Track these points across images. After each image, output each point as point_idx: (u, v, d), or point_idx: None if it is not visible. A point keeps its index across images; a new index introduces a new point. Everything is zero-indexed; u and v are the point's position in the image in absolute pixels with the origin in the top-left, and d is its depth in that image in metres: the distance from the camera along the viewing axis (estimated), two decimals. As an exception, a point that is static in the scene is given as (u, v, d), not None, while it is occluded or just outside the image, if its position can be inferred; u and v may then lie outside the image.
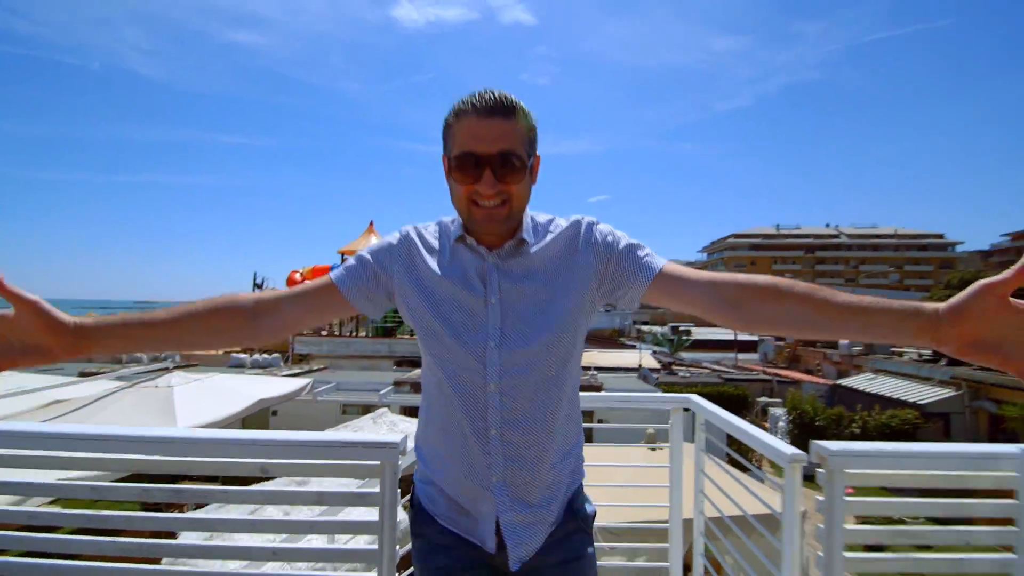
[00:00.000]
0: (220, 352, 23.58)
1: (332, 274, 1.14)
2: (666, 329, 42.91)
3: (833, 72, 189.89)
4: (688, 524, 2.52)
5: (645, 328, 47.40)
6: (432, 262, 1.11)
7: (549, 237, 1.11)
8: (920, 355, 22.83)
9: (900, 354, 24.17)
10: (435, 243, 1.14)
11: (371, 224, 20.34)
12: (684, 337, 37.87)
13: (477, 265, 1.09)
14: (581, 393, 1.29)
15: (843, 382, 23.42)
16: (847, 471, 1.46)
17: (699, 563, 2.47)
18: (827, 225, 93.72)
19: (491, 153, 0.99)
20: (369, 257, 1.14)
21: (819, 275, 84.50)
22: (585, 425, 1.28)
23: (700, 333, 42.16)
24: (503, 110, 1.00)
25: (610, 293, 1.11)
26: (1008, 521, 1.46)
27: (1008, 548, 1.47)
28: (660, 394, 2.63)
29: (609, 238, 1.11)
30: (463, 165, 1.01)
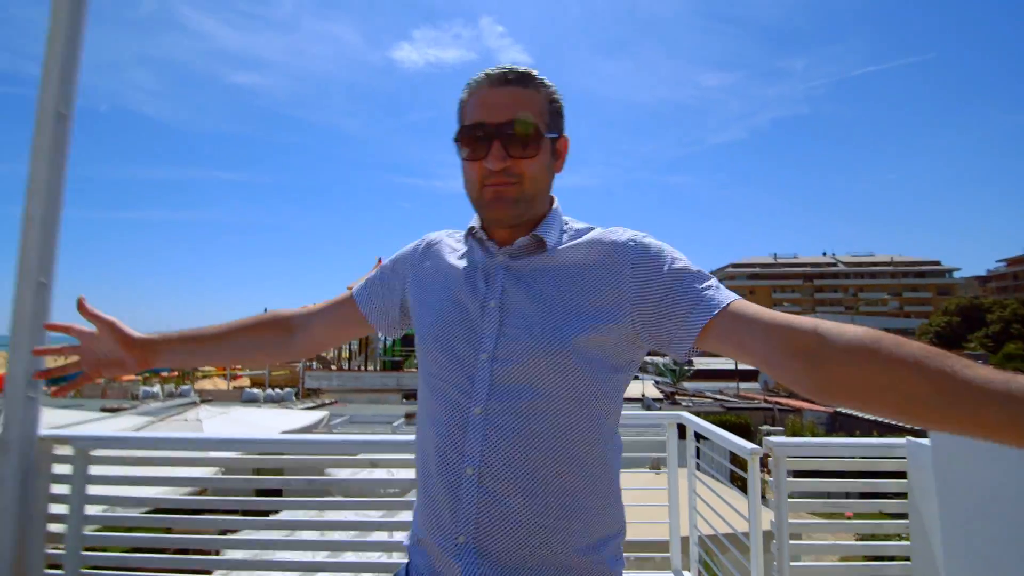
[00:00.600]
0: (231, 387, 24.00)
1: (355, 285, 1.10)
2: (668, 359, 43.29)
3: (821, 105, 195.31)
4: (686, 541, 2.93)
5: (648, 359, 47.85)
6: (444, 263, 0.99)
7: (578, 241, 0.91)
8: (916, 381, 23.00)
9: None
10: (455, 244, 1.02)
11: (379, 261, 20.93)
12: (686, 367, 38.24)
13: (484, 263, 0.93)
14: None
15: (843, 409, 23.73)
16: (788, 458, 2.05)
17: None
18: (824, 254, 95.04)
19: (500, 122, 0.85)
20: (389, 264, 1.08)
21: (818, 303, 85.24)
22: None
23: (702, 363, 42.57)
24: (518, 78, 0.88)
25: (655, 333, 0.84)
26: (902, 495, 2.04)
27: (904, 515, 2.04)
28: (657, 412, 3.20)
29: (659, 259, 0.86)
30: (470, 137, 0.87)
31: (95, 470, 2.16)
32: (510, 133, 0.85)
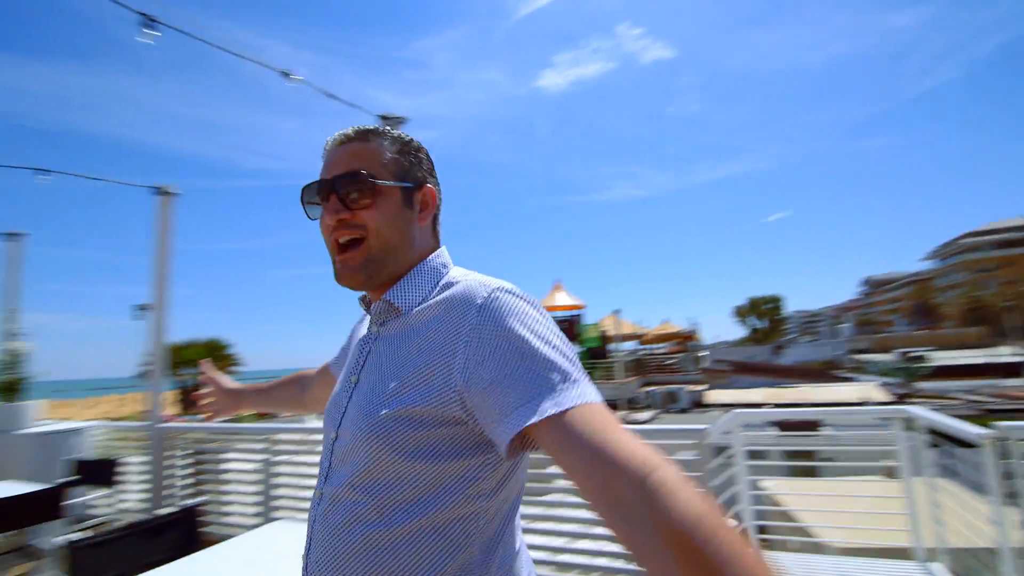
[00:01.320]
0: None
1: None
2: (894, 356, 36.64)
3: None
4: (932, 552, 2.60)
5: (864, 357, 41.12)
6: (356, 337, 0.97)
7: (436, 299, 0.80)
8: None
9: None
10: None
11: (557, 284, 19.89)
12: (920, 364, 31.84)
13: (368, 334, 0.88)
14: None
15: None
16: (1020, 440, 2.12)
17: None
18: (1119, 202, 71.01)
19: (334, 176, 0.82)
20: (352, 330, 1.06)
21: (1120, 268, 63.69)
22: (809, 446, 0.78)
23: (942, 358, 35.08)
24: (358, 134, 0.85)
25: (481, 424, 0.69)
26: None
27: None
28: (877, 407, 2.79)
29: (498, 332, 0.69)
30: (313, 197, 0.85)
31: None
32: (345, 184, 0.81)
